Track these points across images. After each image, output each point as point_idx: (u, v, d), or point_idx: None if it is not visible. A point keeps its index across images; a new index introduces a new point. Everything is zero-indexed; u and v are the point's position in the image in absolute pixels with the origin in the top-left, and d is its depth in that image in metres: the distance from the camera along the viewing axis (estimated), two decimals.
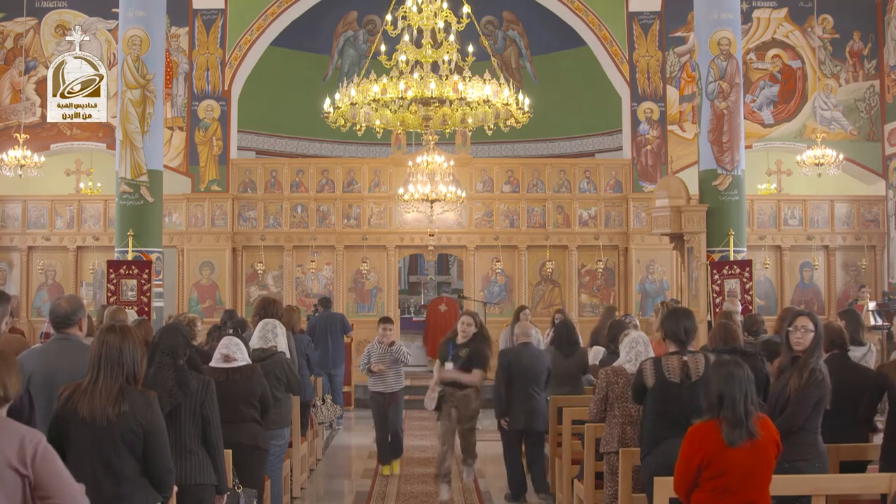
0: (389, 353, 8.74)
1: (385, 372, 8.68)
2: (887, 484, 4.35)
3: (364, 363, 8.79)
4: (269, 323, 6.63)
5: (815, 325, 4.85)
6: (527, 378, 7.38)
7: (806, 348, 4.81)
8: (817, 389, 4.71)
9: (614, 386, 5.71)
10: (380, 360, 8.70)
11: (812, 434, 4.73)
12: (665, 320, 5.16)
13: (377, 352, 8.75)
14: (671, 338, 5.03)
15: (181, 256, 15.19)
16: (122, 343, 3.84)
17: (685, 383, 4.87)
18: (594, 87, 16.48)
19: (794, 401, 4.68)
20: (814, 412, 4.73)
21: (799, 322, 4.86)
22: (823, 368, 4.78)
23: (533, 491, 7.57)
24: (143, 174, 12.20)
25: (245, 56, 15.55)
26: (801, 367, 4.76)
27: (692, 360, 4.94)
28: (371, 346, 8.86)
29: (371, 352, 8.79)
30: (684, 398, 4.83)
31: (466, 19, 9.05)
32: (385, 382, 8.78)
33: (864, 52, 15.85)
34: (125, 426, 3.74)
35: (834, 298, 15.55)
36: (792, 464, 4.02)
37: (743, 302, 10.99)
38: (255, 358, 6.23)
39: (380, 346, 8.75)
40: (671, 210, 11.76)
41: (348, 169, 15.62)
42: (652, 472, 4.83)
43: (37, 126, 15.30)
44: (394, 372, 8.77)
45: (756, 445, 3.82)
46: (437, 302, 16.38)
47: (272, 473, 6.40)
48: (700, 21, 12.52)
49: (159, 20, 12.75)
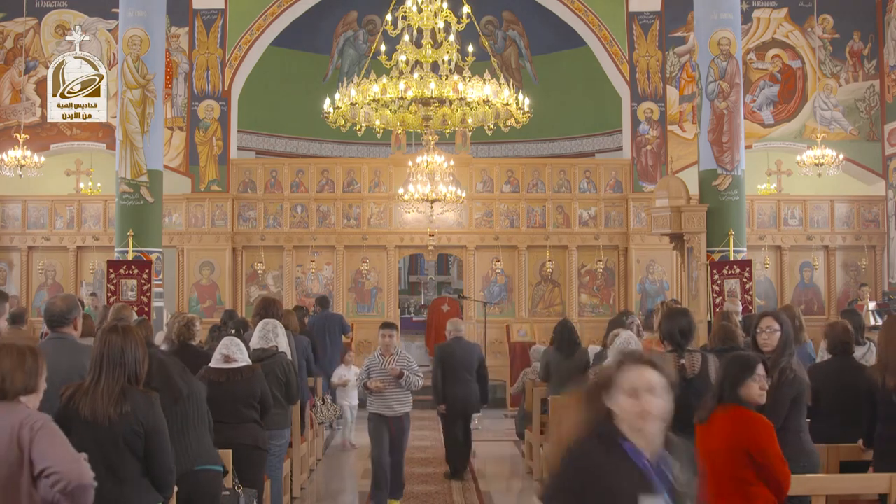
0: (394, 364, 7.24)
1: (385, 389, 7.17)
2: (887, 484, 4.36)
3: (362, 379, 7.33)
4: (269, 323, 6.62)
5: (781, 324, 4.86)
6: (461, 367, 8.52)
7: (774, 348, 4.81)
8: (790, 388, 4.70)
9: None
10: (382, 376, 7.23)
11: (794, 433, 4.69)
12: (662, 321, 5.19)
13: (379, 366, 7.27)
14: (668, 338, 5.06)
15: (181, 256, 15.19)
16: (123, 343, 3.85)
17: (681, 383, 4.89)
18: (594, 87, 16.49)
19: (769, 403, 4.67)
20: (793, 411, 4.70)
21: (764, 323, 4.88)
22: (795, 366, 4.77)
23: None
24: (143, 174, 12.20)
25: (245, 56, 15.55)
26: (771, 367, 4.74)
27: (689, 358, 4.96)
28: (371, 360, 7.35)
29: (371, 366, 7.29)
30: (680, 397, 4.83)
31: (466, 19, 9.05)
32: (387, 402, 7.25)
33: (864, 52, 15.85)
34: (127, 426, 3.74)
35: (834, 298, 15.55)
36: None
37: (743, 302, 10.99)
38: (256, 358, 6.23)
39: (382, 360, 7.27)
40: (671, 210, 11.76)
41: (348, 169, 15.63)
42: None
43: (37, 126, 15.30)
44: (398, 389, 7.24)
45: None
46: (440, 302, 16.39)
47: (272, 474, 6.41)
48: (700, 21, 12.53)
49: (159, 20, 12.76)
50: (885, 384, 4.78)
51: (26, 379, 3.02)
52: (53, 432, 2.98)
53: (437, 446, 10.18)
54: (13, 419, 2.94)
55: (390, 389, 7.18)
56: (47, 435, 2.95)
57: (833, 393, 5.29)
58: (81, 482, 2.92)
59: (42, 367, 3.09)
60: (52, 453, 2.93)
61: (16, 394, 3.00)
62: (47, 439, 2.94)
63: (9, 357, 3.00)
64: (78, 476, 2.92)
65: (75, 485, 2.91)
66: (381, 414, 7.22)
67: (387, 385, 7.15)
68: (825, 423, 5.32)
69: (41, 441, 2.93)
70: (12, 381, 2.99)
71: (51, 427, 2.98)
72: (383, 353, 7.27)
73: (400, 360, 7.24)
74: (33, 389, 3.05)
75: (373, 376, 7.22)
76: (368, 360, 7.35)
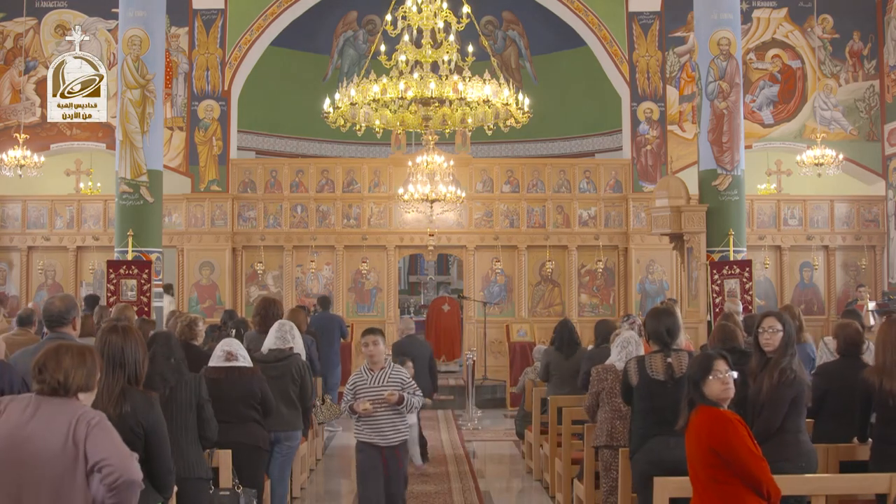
0: (386, 380, 5.76)
1: (375, 411, 5.70)
2: (887, 484, 4.36)
3: (347, 401, 5.80)
4: (285, 324, 6.60)
5: (783, 324, 4.85)
6: (421, 362, 9.05)
7: (776, 348, 4.81)
8: (790, 388, 4.70)
9: (603, 382, 5.88)
10: (371, 395, 5.72)
11: (793, 434, 4.69)
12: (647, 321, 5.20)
13: (367, 383, 5.77)
14: (653, 337, 5.08)
15: (181, 256, 15.20)
16: (124, 343, 3.86)
17: (669, 382, 4.90)
18: (594, 87, 16.49)
19: (769, 402, 4.66)
20: (792, 412, 4.69)
21: (766, 323, 4.87)
22: (796, 367, 4.76)
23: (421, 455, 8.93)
24: (142, 174, 12.20)
25: (245, 56, 15.56)
26: (772, 367, 4.75)
27: (676, 358, 4.97)
28: (356, 376, 5.85)
29: (357, 384, 5.78)
30: (669, 396, 4.85)
31: (466, 19, 9.05)
32: (379, 429, 5.75)
33: (864, 52, 15.85)
34: (126, 427, 3.74)
35: (834, 298, 15.55)
36: (774, 464, 4.00)
37: (743, 302, 10.99)
38: (272, 358, 6.25)
39: (370, 375, 5.78)
40: (671, 210, 11.77)
41: (348, 169, 15.63)
42: (641, 470, 4.86)
43: (37, 126, 15.30)
44: (392, 411, 5.76)
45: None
46: (440, 302, 16.38)
47: (282, 474, 6.39)
48: (700, 21, 12.53)
49: (159, 20, 12.75)
50: (882, 386, 4.78)
51: (86, 377, 3.16)
52: (108, 428, 3.11)
53: (437, 446, 10.18)
54: (70, 414, 3.08)
55: (383, 411, 5.73)
56: (103, 430, 3.08)
57: (841, 393, 5.29)
58: (132, 477, 3.04)
59: (98, 367, 3.26)
60: (106, 447, 3.05)
61: (76, 390, 3.14)
62: (103, 434, 3.07)
63: (69, 356, 3.16)
64: (129, 471, 3.04)
65: (125, 479, 3.02)
66: (373, 443, 5.77)
67: (377, 407, 5.69)
68: (833, 422, 5.32)
69: (97, 436, 3.06)
70: (74, 378, 3.13)
71: (106, 423, 3.12)
72: (371, 366, 5.81)
73: (393, 375, 5.80)
74: (91, 388, 3.21)
75: (360, 396, 5.73)
76: (354, 377, 5.85)
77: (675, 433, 4.58)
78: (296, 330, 6.63)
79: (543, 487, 8.23)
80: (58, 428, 3.05)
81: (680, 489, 4.33)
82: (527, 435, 9.03)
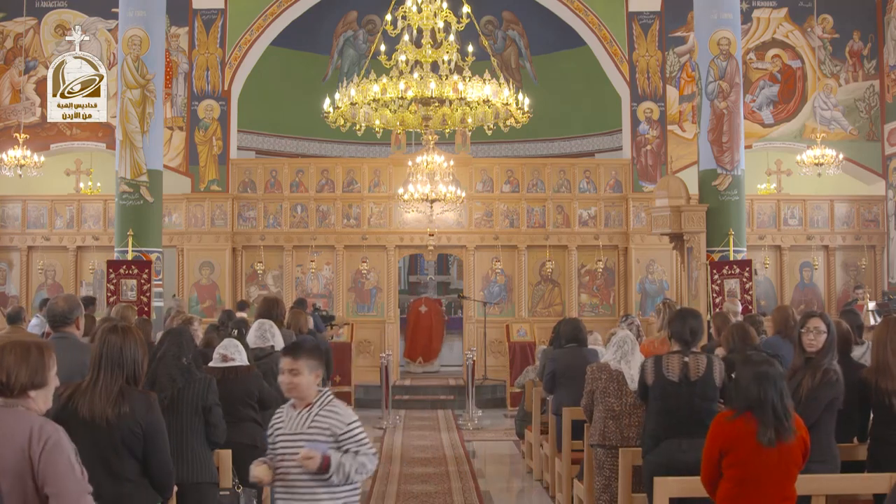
0: (308, 425, 3.67)
1: (286, 476, 3.64)
2: (887, 484, 4.35)
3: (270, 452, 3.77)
4: (264, 323, 6.72)
5: (828, 326, 4.87)
6: None
7: (819, 350, 4.82)
8: (831, 389, 4.71)
9: (597, 381, 5.87)
10: (281, 448, 3.70)
11: (826, 435, 4.71)
12: (672, 321, 5.18)
13: (288, 427, 3.71)
14: (677, 338, 5.07)
15: (181, 256, 15.19)
16: (123, 343, 3.85)
17: (684, 383, 4.90)
18: (594, 87, 16.48)
19: (806, 401, 4.66)
20: (827, 413, 4.71)
21: (811, 324, 4.88)
22: (837, 369, 4.78)
23: None
24: (142, 174, 12.20)
25: (245, 56, 15.55)
26: (815, 367, 4.76)
27: (693, 360, 4.96)
28: (278, 417, 3.81)
29: (276, 428, 3.76)
30: (683, 397, 4.86)
31: (466, 19, 9.06)
32: (295, 498, 3.64)
33: (864, 52, 15.85)
34: (125, 427, 3.74)
35: (834, 298, 15.55)
36: (806, 465, 4.01)
37: (743, 302, 10.99)
38: (252, 357, 6.27)
39: (294, 414, 3.72)
40: (671, 210, 11.76)
41: (348, 169, 15.62)
42: (652, 471, 4.85)
43: (37, 126, 15.30)
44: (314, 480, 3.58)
45: (785, 444, 3.81)
46: (418, 303, 16.41)
47: None
48: (700, 21, 12.52)
49: (159, 20, 12.75)
50: (879, 386, 4.78)
51: (30, 374, 2.99)
52: (63, 449, 2.95)
53: (437, 446, 10.18)
54: (23, 425, 2.92)
55: (306, 479, 3.60)
56: (59, 452, 2.93)
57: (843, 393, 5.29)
58: None
59: (50, 362, 3.07)
60: (60, 479, 2.91)
61: (22, 389, 2.98)
62: (59, 458, 2.92)
63: (12, 353, 3.00)
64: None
65: None
66: None
67: (285, 470, 3.64)
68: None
69: (51, 462, 2.90)
70: (17, 376, 2.97)
71: (62, 444, 2.96)
72: (295, 403, 3.75)
73: (324, 416, 3.67)
74: (41, 384, 3.03)
75: (278, 445, 3.72)
76: (275, 418, 3.83)
77: (688, 436, 4.60)
78: (275, 328, 6.72)
79: (544, 487, 8.23)
80: (12, 435, 2.91)
81: (680, 489, 4.33)
82: (527, 435, 9.03)
